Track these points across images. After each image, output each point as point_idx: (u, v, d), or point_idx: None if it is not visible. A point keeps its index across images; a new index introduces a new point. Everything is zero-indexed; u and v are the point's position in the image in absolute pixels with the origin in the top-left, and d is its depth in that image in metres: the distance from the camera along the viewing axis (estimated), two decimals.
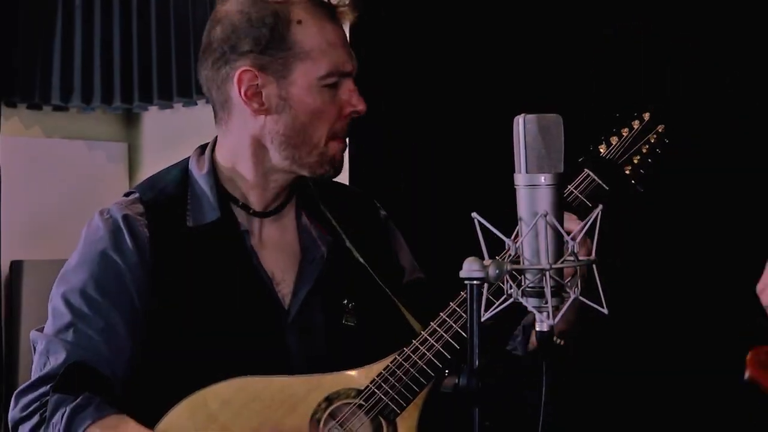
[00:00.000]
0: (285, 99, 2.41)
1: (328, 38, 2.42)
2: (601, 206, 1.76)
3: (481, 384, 1.75)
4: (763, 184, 2.97)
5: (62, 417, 2.28)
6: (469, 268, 1.72)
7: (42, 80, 4.46)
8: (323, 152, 2.44)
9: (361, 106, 2.45)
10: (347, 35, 2.48)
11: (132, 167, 4.76)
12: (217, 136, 2.55)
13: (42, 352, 2.38)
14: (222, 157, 2.52)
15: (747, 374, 2.05)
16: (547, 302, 1.71)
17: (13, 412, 2.36)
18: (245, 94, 2.42)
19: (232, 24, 2.42)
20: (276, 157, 2.45)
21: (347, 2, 2.46)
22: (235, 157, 2.50)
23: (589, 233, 1.77)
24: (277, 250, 2.52)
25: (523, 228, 1.73)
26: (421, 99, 3.52)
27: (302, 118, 2.42)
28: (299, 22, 2.41)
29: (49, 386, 2.32)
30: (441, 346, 2.39)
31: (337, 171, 2.49)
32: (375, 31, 2.48)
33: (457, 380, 1.76)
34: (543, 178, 1.73)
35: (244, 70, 2.41)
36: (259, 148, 2.46)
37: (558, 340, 2.45)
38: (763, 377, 2.04)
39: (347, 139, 2.50)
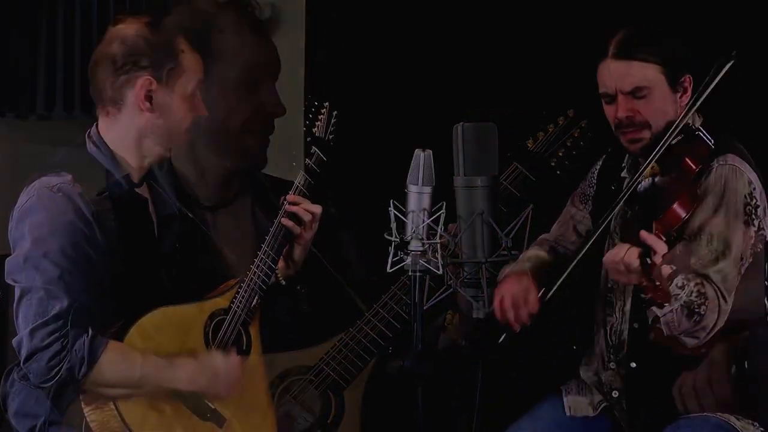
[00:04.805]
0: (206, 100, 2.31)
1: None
2: (531, 205, 1.76)
3: (423, 365, 1.73)
4: None
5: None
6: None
7: (28, 92, 4.43)
8: (242, 144, 2.44)
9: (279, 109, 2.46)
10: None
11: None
12: None
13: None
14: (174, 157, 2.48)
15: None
16: (483, 292, 1.71)
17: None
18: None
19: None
20: (203, 150, 2.45)
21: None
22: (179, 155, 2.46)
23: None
24: (234, 237, 2.49)
25: (462, 225, 1.73)
26: (368, 109, 3.49)
27: (219, 115, 2.40)
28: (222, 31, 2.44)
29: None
30: (383, 326, 2.38)
31: (256, 162, 2.50)
32: (329, 37, 2.45)
33: (402, 362, 1.75)
34: (479, 180, 1.72)
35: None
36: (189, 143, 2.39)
37: (463, 342, 2.46)
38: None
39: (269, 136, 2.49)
